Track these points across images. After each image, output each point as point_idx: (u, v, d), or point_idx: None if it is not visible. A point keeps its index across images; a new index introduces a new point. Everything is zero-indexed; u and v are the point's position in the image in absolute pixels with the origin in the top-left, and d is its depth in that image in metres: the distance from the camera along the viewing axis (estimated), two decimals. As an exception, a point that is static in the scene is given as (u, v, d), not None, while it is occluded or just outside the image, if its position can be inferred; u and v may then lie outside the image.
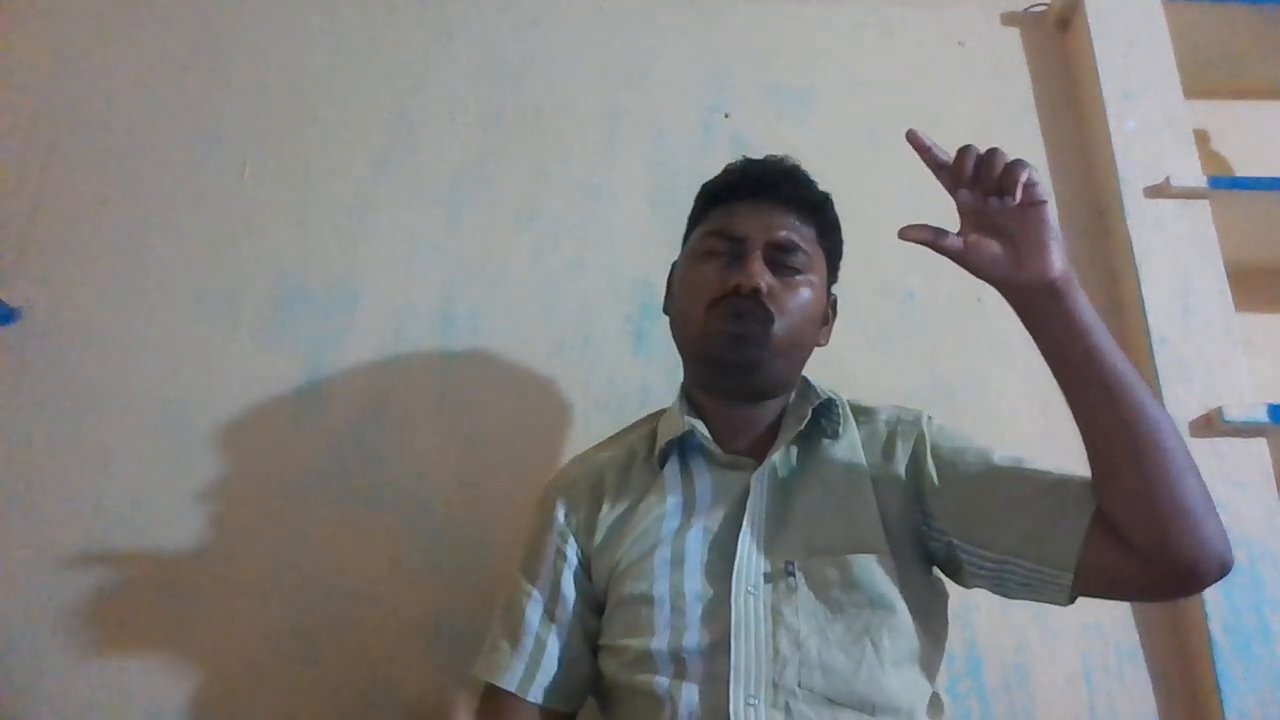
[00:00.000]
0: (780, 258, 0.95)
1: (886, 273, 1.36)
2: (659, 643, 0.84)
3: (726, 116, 1.49)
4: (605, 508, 0.96)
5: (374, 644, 1.17)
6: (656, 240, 1.38)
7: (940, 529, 0.89)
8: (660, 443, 0.97)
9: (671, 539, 0.90)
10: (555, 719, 0.91)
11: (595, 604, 0.95)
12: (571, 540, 0.96)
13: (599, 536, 0.94)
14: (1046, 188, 0.78)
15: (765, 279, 0.93)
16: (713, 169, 1.05)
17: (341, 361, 1.30)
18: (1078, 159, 1.49)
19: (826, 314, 1.02)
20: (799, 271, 0.96)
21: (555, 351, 1.32)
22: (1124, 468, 0.77)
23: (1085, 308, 0.79)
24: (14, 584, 1.17)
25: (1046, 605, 1.17)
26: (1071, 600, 0.82)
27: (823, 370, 1.02)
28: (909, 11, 1.59)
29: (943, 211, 0.85)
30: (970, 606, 1.19)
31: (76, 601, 1.17)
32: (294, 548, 1.19)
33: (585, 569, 0.95)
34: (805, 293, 0.95)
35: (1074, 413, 0.81)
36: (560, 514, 0.98)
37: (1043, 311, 0.80)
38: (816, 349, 1.01)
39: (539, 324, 1.32)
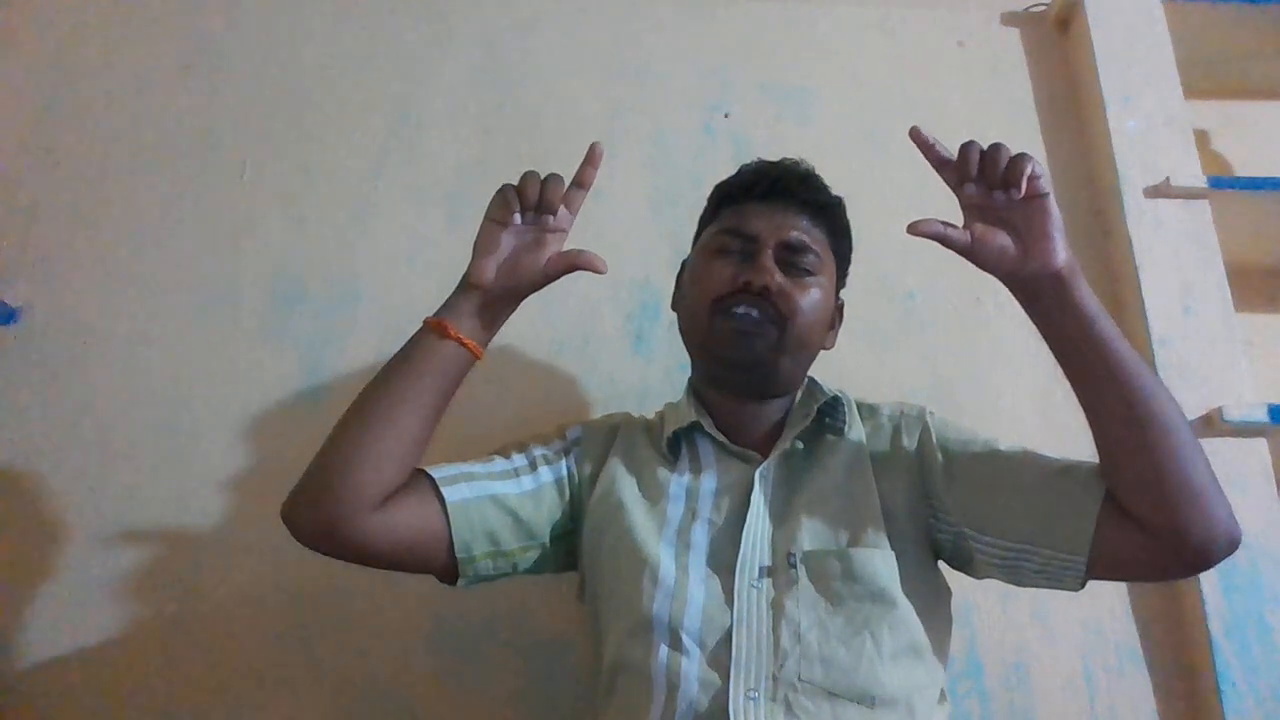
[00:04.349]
0: (791, 258, 0.96)
1: (886, 273, 1.36)
2: (660, 611, 0.84)
3: (726, 116, 1.49)
4: (614, 459, 0.97)
5: (374, 644, 1.17)
6: (656, 240, 1.38)
7: (950, 520, 0.90)
8: (668, 431, 0.97)
9: (677, 525, 0.90)
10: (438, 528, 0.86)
11: (556, 515, 0.94)
12: (572, 457, 0.97)
13: (604, 476, 0.95)
14: (1048, 181, 0.81)
15: (775, 277, 0.93)
16: (713, 169, 1.05)
17: (341, 361, 1.31)
18: (1078, 159, 1.49)
19: (834, 317, 1.03)
20: (809, 273, 0.96)
21: (555, 351, 1.32)
22: (1132, 452, 0.78)
23: (1089, 296, 0.81)
24: (14, 584, 1.17)
25: (1046, 605, 1.20)
26: (1083, 585, 0.83)
27: (823, 370, 1.03)
28: (909, 11, 1.59)
29: (943, 210, 0.85)
30: (970, 606, 1.19)
31: (76, 601, 1.16)
32: (294, 548, 1.18)
33: (568, 488, 0.95)
34: (815, 293, 0.96)
35: (1080, 400, 0.82)
36: (573, 434, 1.00)
37: (1048, 301, 0.81)
38: (821, 351, 1.01)
39: (539, 324, 1.32)
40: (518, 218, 0.87)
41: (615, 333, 1.34)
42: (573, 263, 0.87)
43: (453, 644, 1.17)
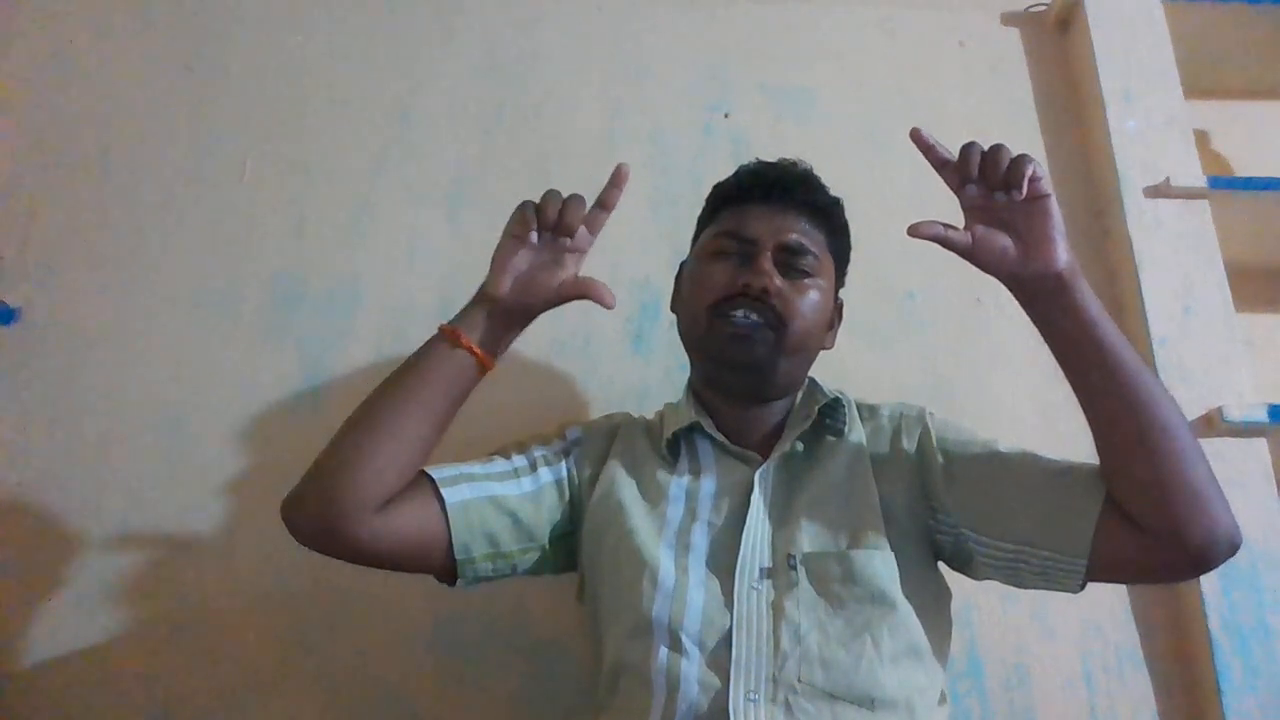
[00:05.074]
0: (790, 260, 0.96)
1: (886, 273, 1.36)
2: (660, 613, 0.84)
3: (726, 116, 1.49)
4: (614, 461, 0.97)
5: (374, 644, 1.17)
6: (656, 240, 1.38)
7: (950, 522, 0.89)
8: (667, 432, 0.97)
9: (677, 527, 0.90)
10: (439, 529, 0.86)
11: (556, 516, 0.94)
12: (572, 459, 0.97)
13: (604, 478, 0.95)
14: (1048, 182, 0.80)
15: (774, 280, 0.93)
16: (713, 169, 1.05)
17: (341, 362, 1.30)
18: (1078, 159, 1.49)
19: (833, 318, 1.03)
20: (808, 274, 0.96)
21: (555, 351, 1.32)
22: (1132, 454, 0.78)
23: (1090, 298, 0.81)
24: (14, 585, 1.17)
25: (1046, 605, 1.20)
26: (1083, 587, 0.83)
27: (823, 370, 1.03)
28: (909, 11, 1.59)
29: (942, 211, 0.85)
30: (970, 607, 1.19)
31: (76, 602, 1.16)
32: (294, 548, 1.18)
33: (568, 490, 0.95)
34: (813, 295, 0.96)
35: (1081, 401, 0.82)
36: (573, 434, 1.00)
37: (1049, 303, 0.81)
38: (821, 351, 1.01)
39: (539, 324, 1.30)
40: (534, 236, 0.87)
41: (615, 333, 1.34)
42: (584, 292, 0.87)
43: (453, 644, 1.17)
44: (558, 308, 0.90)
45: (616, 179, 0.88)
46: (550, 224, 0.86)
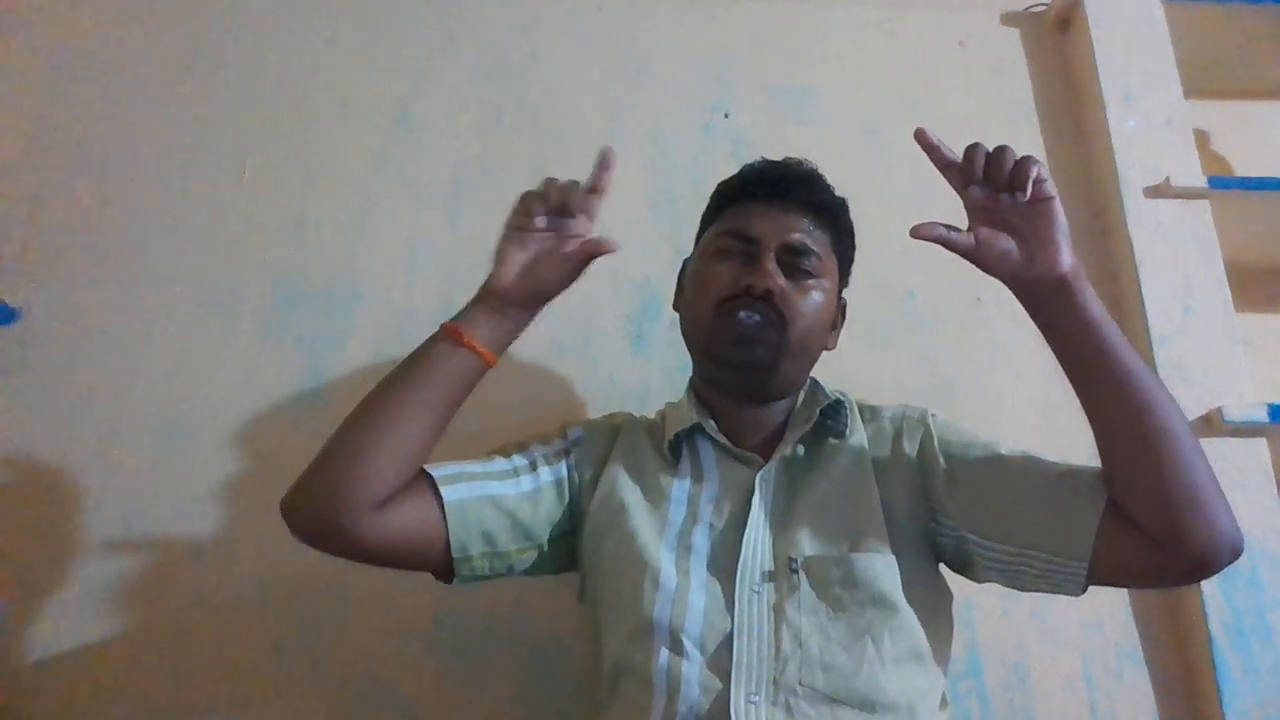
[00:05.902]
0: (793, 260, 0.96)
1: (886, 273, 1.36)
2: (661, 615, 0.84)
3: (726, 116, 1.49)
4: (615, 462, 0.96)
5: (374, 644, 1.17)
6: (656, 240, 1.38)
7: (951, 524, 0.89)
8: (669, 433, 0.97)
9: (678, 529, 0.90)
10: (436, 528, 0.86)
11: (555, 517, 0.94)
12: (572, 459, 0.97)
13: (605, 479, 0.95)
14: (1053, 185, 0.80)
15: (777, 281, 0.93)
16: (713, 169, 1.05)
17: (341, 361, 1.30)
18: (1078, 159, 1.49)
19: (836, 318, 1.03)
20: (811, 275, 0.96)
21: (555, 351, 1.32)
22: (1135, 458, 0.78)
23: (1094, 301, 0.80)
24: (13, 584, 1.17)
25: (1046, 605, 1.20)
26: (1084, 590, 0.83)
27: (823, 370, 1.03)
28: (909, 11, 1.59)
29: (943, 211, 0.85)
30: (970, 607, 1.19)
31: (76, 602, 1.16)
32: (294, 548, 1.18)
33: (567, 490, 0.95)
34: (816, 296, 0.96)
35: (1084, 405, 0.82)
36: (574, 434, 1.00)
37: (1052, 306, 0.81)
38: (823, 351, 1.01)
39: (539, 323, 1.31)
40: (540, 221, 0.87)
41: (615, 333, 1.34)
42: (589, 251, 0.87)
43: (453, 644, 1.17)
44: (557, 309, 0.90)
45: (604, 163, 0.88)
46: (555, 206, 0.86)
